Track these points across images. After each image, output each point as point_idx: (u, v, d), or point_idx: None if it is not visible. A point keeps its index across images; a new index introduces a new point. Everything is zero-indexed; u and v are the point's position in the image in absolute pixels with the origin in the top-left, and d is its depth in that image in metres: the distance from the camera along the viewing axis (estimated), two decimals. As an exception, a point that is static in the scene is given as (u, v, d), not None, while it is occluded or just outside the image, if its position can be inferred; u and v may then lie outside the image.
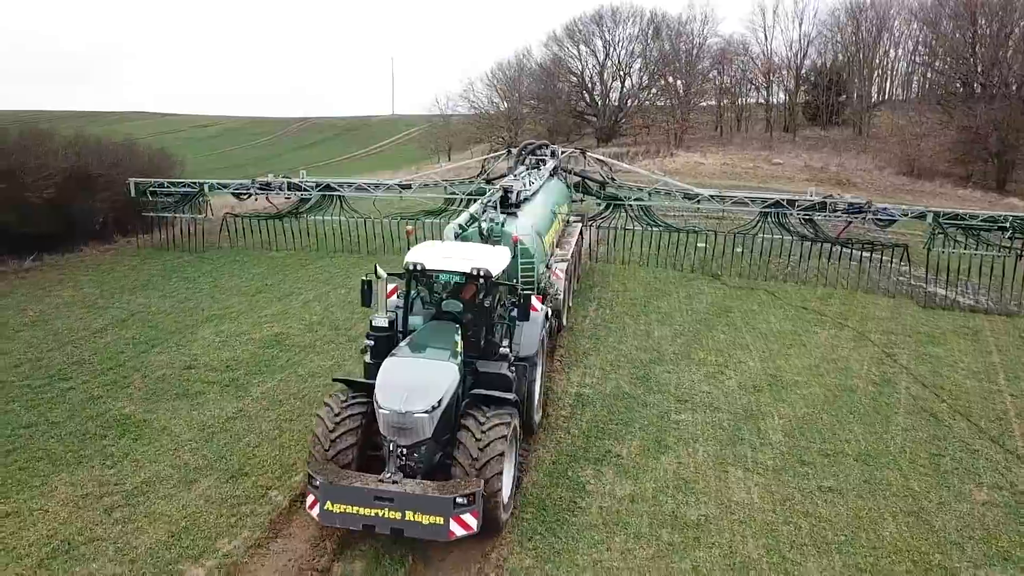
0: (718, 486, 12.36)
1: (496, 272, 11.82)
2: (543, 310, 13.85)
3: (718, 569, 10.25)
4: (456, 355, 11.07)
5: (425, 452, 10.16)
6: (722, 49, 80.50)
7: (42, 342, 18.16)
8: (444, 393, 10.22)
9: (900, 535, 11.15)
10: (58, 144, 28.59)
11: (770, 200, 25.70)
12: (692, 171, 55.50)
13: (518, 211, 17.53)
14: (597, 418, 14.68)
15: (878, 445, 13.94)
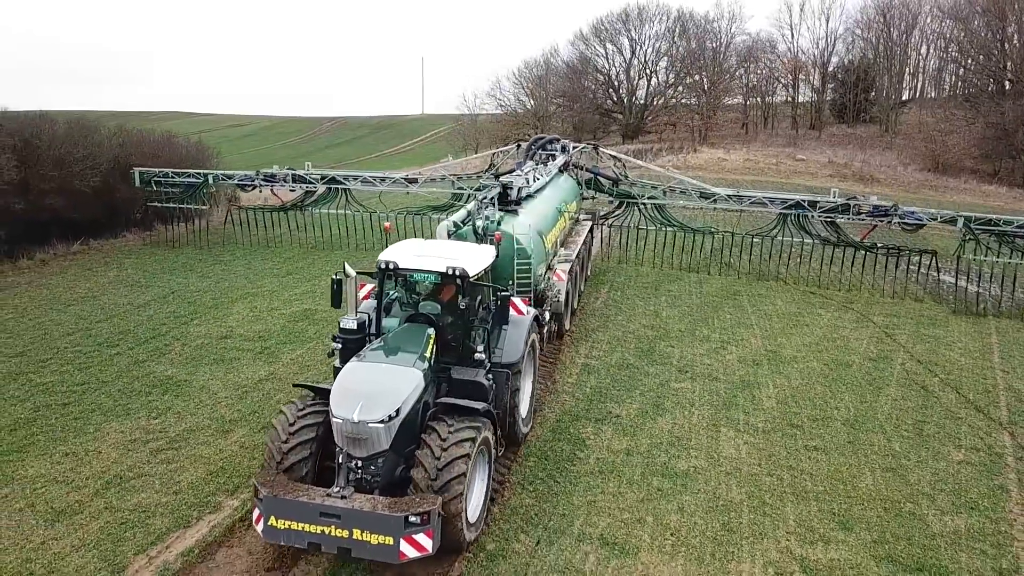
0: (709, 443, 13.30)
1: (474, 272, 11.08)
2: (531, 313, 12.92)
3: (701, 510, 11.22)
4: (424, 360, 10.27)
5: (384, 465, 9.38)
6: (748, 47, 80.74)
7: (91, 315, 19.64)
8: (403, 401, 9.46)
9: (876, 487, 12.02)
10: (103, 136, 30.29)
11: (790, 201, 24.10)
12: (715, 167, 56.00)
13: (519, 208, 16.64)
14: (601, 385, 15.69)
15: (866, 412, 14.76)
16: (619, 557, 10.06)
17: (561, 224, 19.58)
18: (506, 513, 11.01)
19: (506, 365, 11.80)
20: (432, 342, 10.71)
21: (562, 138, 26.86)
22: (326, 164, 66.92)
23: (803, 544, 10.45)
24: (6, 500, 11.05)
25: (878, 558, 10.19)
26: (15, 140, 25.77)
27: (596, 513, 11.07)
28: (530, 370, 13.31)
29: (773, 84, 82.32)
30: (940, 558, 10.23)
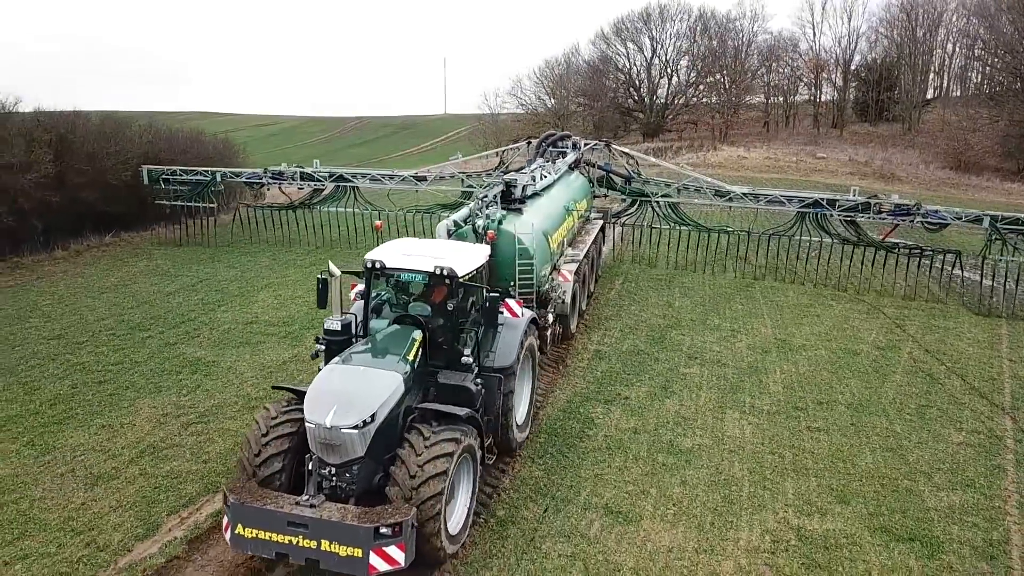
0: (714, 424, 13.77)
1: (463, 272, 10.67)
2: (527, 315, 12.38)
3: (703, 484, 11.70)
4: (406, 363, 9.88)
5: (359, 472, 9.00)
6: (770, 46, 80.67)
7: (123, 301, 20.49)
8: (380, 406, 9.07)
9: (875, 465, 12.42)
10: (134, 132, 31.27)
11: (809, 199, 23.29)
12: (735, 164, 56.17)
13: (523, 207, 16.25)
14: (611, 369, 16.19)
15: (870, 397, 15.13)
16: (622, 524, 10.57)
17: (568, 223, 18.97)
18: (516, 484, 11.58)
19: (498, 369, 11.25)
20: (418, 345, 10.31)
21: (573, 135, 26.30)
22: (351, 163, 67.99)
23: (800, 515, 10.90)
24: (48, 466, 11.81)
25: (872, 529, 10.60)
26: (51, 136, 26.75)
27: (602, 485, 11.59)
28: (527, 375, 12.77)
29: (795, 83, 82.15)
30: (933, 530, 10.62)
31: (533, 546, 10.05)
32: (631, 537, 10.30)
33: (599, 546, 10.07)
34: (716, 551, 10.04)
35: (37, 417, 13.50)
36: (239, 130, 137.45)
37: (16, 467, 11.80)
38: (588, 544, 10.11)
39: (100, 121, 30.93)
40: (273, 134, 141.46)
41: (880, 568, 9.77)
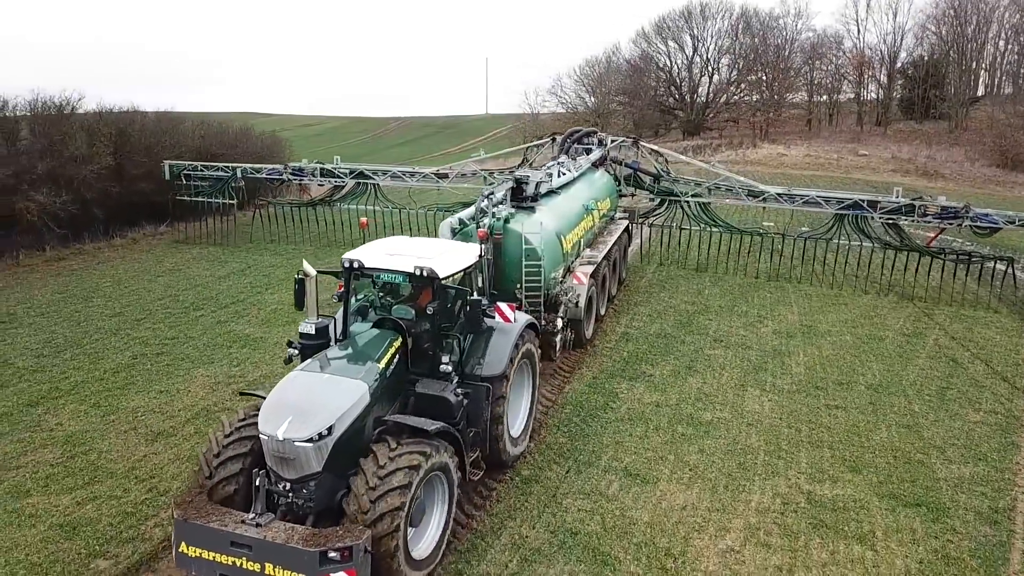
0: (735, 400, 14.31)
1: (446, 273, 10.05)
2: (522, 320, 11.48)
3: (720, 452, 12.27)
4: (376, 371, 9.24)
5: (317, 489, 8.35)
6: (813, 44, 79.89)
7: (178, 284, 21.75)
8: (339, 418, 8.43)
9: (889, 439, 12.84)
10: (187, 127, 32.76)
11: (848, 200, 21.97)
12: (774, 161, 56.03)
13: (536, 205, 15.68)
14: (638, 350, 16.81)
15: (891, 379, 15.49)
16: (640, 485, 11.23)
17: (587, 223, 18.10)
18: (541, 448, 12.32)
19: (486, 378, 10.50)
20: (394, 351, 9.70)
21: (599, 131, 25.41)
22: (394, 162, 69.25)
23: (812, 482, 11.42)
24: (113, 424, 12.93)
25: (880, 495, 11.07)
26: (111, 130, 28.29)
27: (622, 451, 12.25)
28: (525, 384, 12.12)
29: (839, 81, 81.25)
30: (940, 497, 11.05)
31: (555, 501, 10.76)
32: (647, 496, 10.94)
33: (616, 503, 10.74)
34: (728, 510, 10.64)
35: (102, 383, 14.67)
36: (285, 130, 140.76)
37: (85, 424, 12.94)
38: (606, 501, 10.79)
39: (156, 118, 32.47)
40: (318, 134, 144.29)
41: (885, 529, 10.26)
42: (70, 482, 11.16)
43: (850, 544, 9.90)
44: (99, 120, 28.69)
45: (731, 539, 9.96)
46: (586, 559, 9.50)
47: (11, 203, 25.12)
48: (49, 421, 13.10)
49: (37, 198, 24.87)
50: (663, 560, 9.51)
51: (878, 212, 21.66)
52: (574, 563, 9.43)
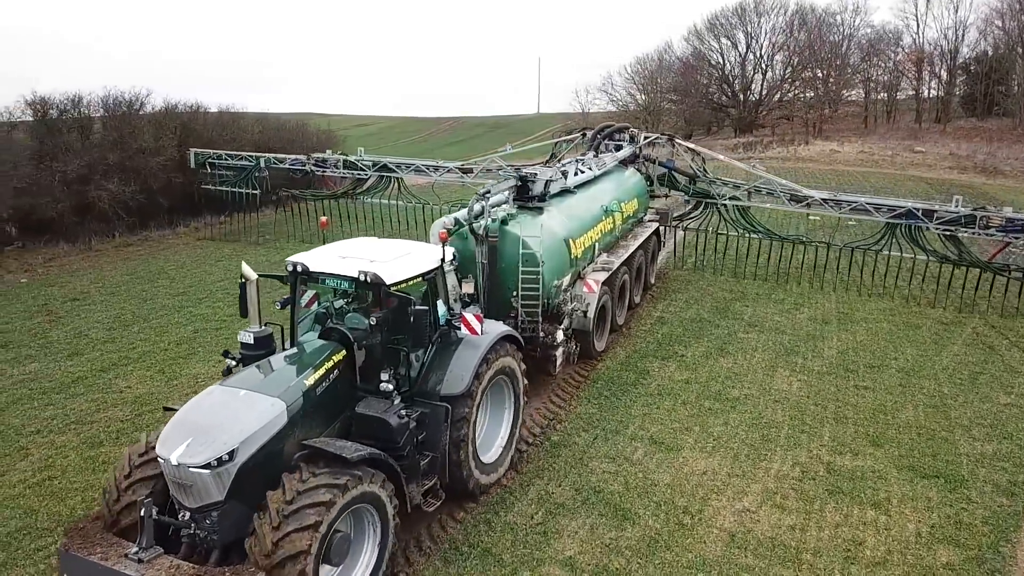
0: (763, 379, 14.69)
1: (394, 279, 9.04)
2: (496, 332, 10.41)
3: (744, 425, 12.71)
4: (301, 388, 8.31)
5: (221, 521, 7.53)
6: (871, 40, 78.41)
7: (236, 268, 22.82)
8: (244, 441, 7.54)
9: (915, 418, 13.08)
10: (247, 122, 34.28)
11: (900, 208, 19.83)
12: (826, 159, 55.32)
13: (543, 205, 14.61)
14: (672, 333, 17.27)
15: (924, 363, 15.63)
16: (663, 452, 11.76)
17: (605, 226, 16.72)
18: (571, 418, 12.95)
19: (446, 397, 9.50)
20: (332, 365, 8.78)
21: (632, 127, 23.80)
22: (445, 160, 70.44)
23: (832, 454, 11.78)
24: (176, 387, 14.14)
25: (900, 467, 11.38)
26: (176, 124, 29.86)
27: (649, 422, 12.79)
28: (503, 403, 11.07)
29: (897, 78, 79.56)
30: (960, 471, 11.30)
31: (581, 464, 11.38)
32: (670, 462, 11.47)
33: (640, 467, 11.30)
34: (747, 476, 11.10)
35: (166, 353, 15.84)
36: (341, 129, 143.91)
37: (151, 388, 14.08)
38: (630, 465, 11.36)
39: (218, 113, 34.09)
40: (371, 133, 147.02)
41: (901, 496, 10.59)
42: (137, 436, 12.19)
43: (864, 509, 10.27)
44: (165, 115, 30.29)
45: (748, 501, 10.43)
46: (607, 514, 10.09)
47: (85, 193, 26.84)
48: (119, 384, 14.28)
49: (108, 187, 26.51)
50: (680, 517, 10.04)
51: (934, 222, 19.32)
52: (596, 517, 10.03)
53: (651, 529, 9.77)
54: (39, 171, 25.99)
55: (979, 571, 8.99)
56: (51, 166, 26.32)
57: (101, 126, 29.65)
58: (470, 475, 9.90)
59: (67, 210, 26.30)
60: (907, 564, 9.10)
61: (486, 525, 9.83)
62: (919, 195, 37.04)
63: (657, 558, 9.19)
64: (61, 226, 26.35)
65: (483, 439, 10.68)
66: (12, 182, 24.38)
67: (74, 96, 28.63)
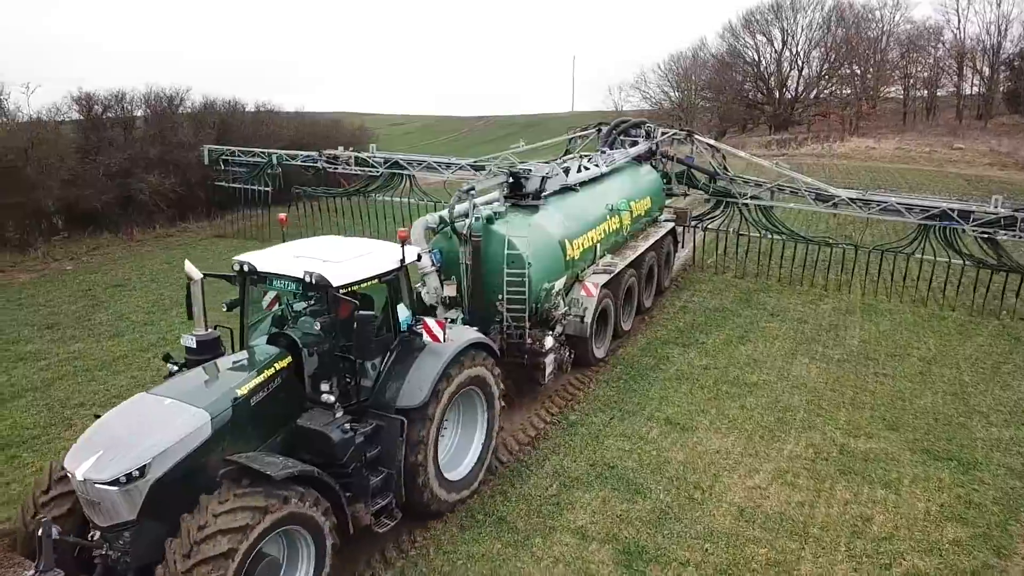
0: (783, 366, 14.83)
1: (342, 281, 8.35)
2: (463, 339, 9.70)
3: (760, 408, 12.90)
4: (232, 398, 7.68)
5: (135, 542, 6.96)
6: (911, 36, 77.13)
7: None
8: (157, 456, 6.96)
9: (933, 405, 13.14)
10: (282, 118, 35.11)
11: (934, 209, 18.46)
12: (863, 155, 54.70)
13: (539, 204, 13.91)
14: (695, 321, 17.46)
15: (947, 353, 15.63)
16: (678, 432, 12.01)
17: (609, 226, 15.88)
18: (589, 399, 13.26)
19: (401, 410, 8.79)
20: (273, 373, 8.14)
21: (649, 122, 22.76)
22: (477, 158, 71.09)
23: (847, 436, 11.92)
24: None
25: (914, 450, 11.48)
26: (214, 119, 30.74)
27: (666, 404, 13.04)
28: (474, 416, 10.34)
29: (937, 74, 78.15)
30: (974, 454, 11.37)
31: (596, 441, 11.69)
32: (684, 441, 11.72)
33: (654, 445, 11.58)
34: (760, 455, 11.30)
35: (202, 335, 16.45)
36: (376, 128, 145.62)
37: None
38: (645, 443, 11.64)
39: (255, 109, 34.96)
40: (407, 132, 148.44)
41: (912, 477, 10.71)
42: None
43: (875, 488, 10.42)
44: (204, 110, 31.19)
45: (759, 479, 10.64)
46: (620, 488, 10.39)
47: (127, 185, 27.81)
48: (157, 363, 14.86)
49: (148, 180, 27.42)
50: (691, 492, 10.30)
51: (971, 224, 18.01)
52: (609, 490, 10.33)
53: (662, 502, 10.04)
54: (84, 165, 26.98)
55: (985, 547, 9.11)
56: (95, 160, 27.33)
57: (143, 122, 30.67)
58: (430, 494, 9.17)
59: (110, 202, 27.28)
60: (913, 539, 9.25)
61: (502, 496, 10.19)
62: (956, 191, 36.60)
63: (666, 528, 9.46)
64: (104, 217, 27.35)
65: (452, 454, 10.10)
66: (59, 175, 25.35)
67: (117, 93, 29.70)
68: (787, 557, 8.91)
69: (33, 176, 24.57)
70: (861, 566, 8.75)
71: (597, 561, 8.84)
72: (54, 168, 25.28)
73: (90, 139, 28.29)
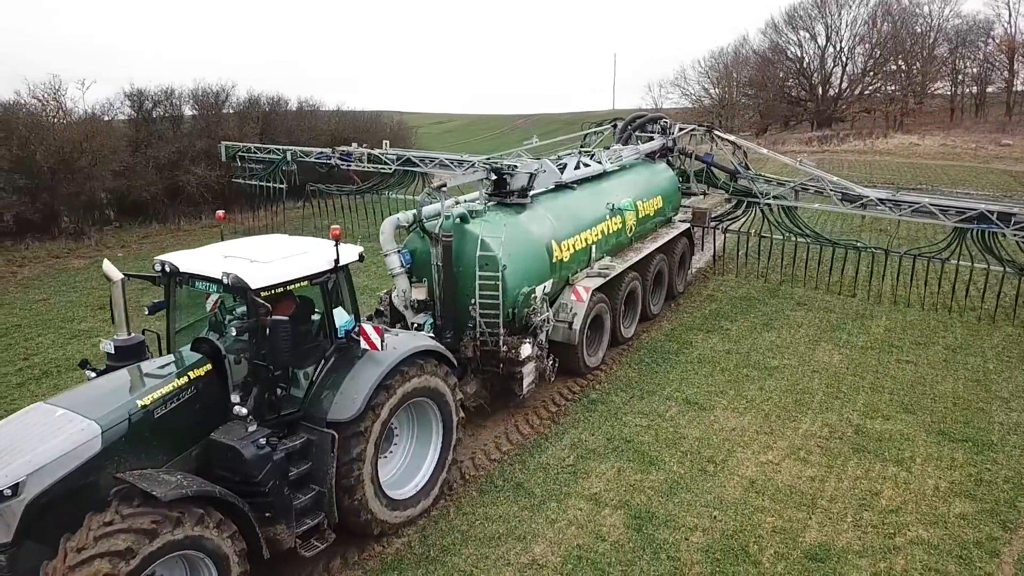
0: (805, 351, 15.02)
1: (263, 283, 7.67)
2: (407, 346, 8.91)
3: (779, 390, 13.14)
4: (129, 410, 7.16)
5: (13, 565, 6.54)
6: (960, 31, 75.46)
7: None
8: (35, 473, 6.51)
9: (954, 390, 13.23)
10: (324, 114, 36.06)
11: (972, 211, 16.89)
12: (905, 152, 53.88)
13: (526, 202, 13.15)
14: (720, 309, 17.71)
15: (973, 342, 15.63)
16: (696, 411, 12.34)
17: (610, 226, 15.06)
18: (611, 379, 13.65)
19: (333, 424, 8.14)
20: (186, 383, 7.63)
21: (666, 117, 21.78)
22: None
23: (863, 418, 12.11)
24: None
25: (929, 432, 11.63)
26: (258, 114, 31.78)
27: (686, 385, 13.37)
28: (428, 431, 9.63)
29: (987, 70, 76.34)
30: (990, 437, 11.48)
31: (615, 417, 12.08)
32: (701, 419, 12.05)
33: (671, 422, 11.92)
34: (775, 433, 11.58)
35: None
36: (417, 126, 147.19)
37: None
38: (663, 420, 11.99)
39: (298, 105, 35.99)
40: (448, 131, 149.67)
41: (925, 456, 10.89)
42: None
43: (887, 465, 10.63)
44: (249, 105, 32.25)
45: (772, 455, 10.93)
46: (635, 460, 10.77)
47: (175, 177, 28.94)
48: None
49: (195, 172, 28.49)
50: (704, 465, 10.64)
51: (1011, 227, 16.45)
52: (624, 462, 10.73)
53: (675, 474, 10.40)
54: (134, 157, 28.19)
55: (991, 521, 9.28)
56: (145, 152, 28.52)
57: (192, 117, 31.86)
58: (368, 514, 8.48)
59: (159, 193, 28.44)
60: (920, 512, 9.46)
61: (520, 464, 10.66)
62: (1001, 187, 36.02)
63: (677, 497, 9.82)
64: (153, 208, 28.52)
65: (404, 471, 9.49)
66: (111, 166, 26.55)
67: (167, 88, 30.92)
68: (793, 525, 9.21)
69: (88, 168, 25.80)
70: (866, 535, 9.01)
71: (609, 525, 9.25)
72: (107, 160, 26.48)
73: (140, 132, 29.51)
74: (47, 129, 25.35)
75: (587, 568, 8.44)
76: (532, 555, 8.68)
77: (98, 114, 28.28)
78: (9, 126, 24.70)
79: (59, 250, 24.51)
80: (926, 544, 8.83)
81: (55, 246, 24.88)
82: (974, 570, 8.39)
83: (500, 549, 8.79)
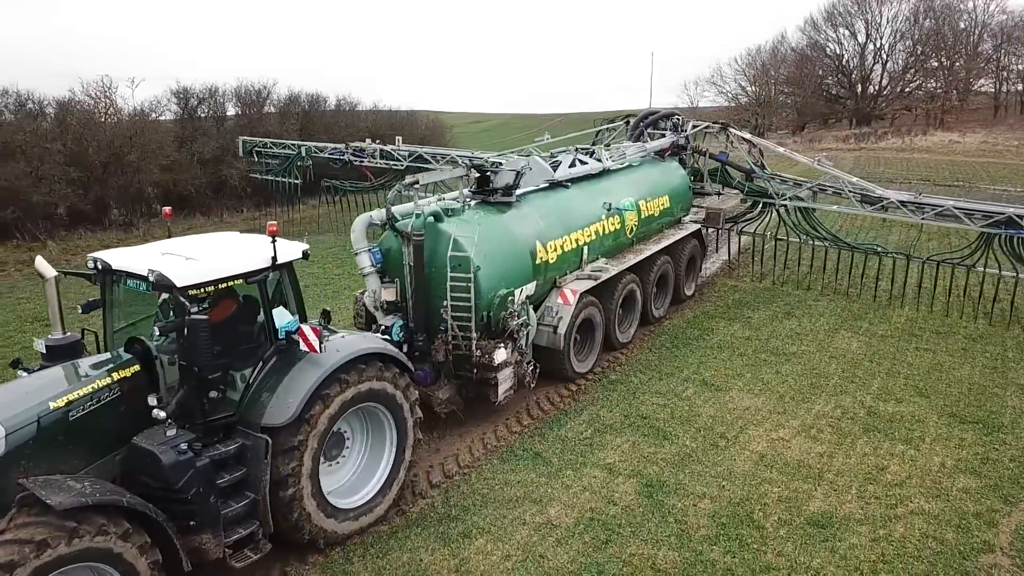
0: (824, 338, 15.33)
1: (188, 281, 7.38)
2: (349, 349, 8.43)
3: (795, 374, 13.50)
4: (39, 412, 6.90)
5: None
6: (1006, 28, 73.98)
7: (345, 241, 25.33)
8: None
9: (971, 376, 13.45)
10: (361, 111, 37.01)
11: (999, 215, 15.90)
12: (945, 149, 53.15)
13: (511, 200, 12.61)
14: (743, 299, 18.05)
15: (993, 334, 15.76)
16: (712, 392, 12.77)
17: (606, 227, 14.44)
18: (631, 361, 14.15)
19: (267, 428, 7.78)
20: (111, 383, 7.38)
21: (679, 114, 21.04)
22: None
23: (876, 400, 12.42)
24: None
25: (941, 414, 11.91)
26: (298, 110, 32.80)
27: (704, 368, 13.80)
28: (384, 438, 9.23)
29: (1033, 65, 74.66)
30: (1002, 419, 11.72)
31: (633, 396, 12.58)
32: (717, 399, 12.49)
33: (687, 402, 12.38)
34: (788, 413, 11.97)
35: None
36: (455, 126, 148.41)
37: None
38: (679, 400, 12.46)
39: (336, 103, 37.01)
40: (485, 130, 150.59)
41: (935, 436, 11.19)
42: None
43: (895, 444, 10.96)
44: (289, 102, 33.30)
45: (783, 432, 11.33)
46: (650, 434, 11.26)
47: (218, 172, 30.05)
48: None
49: (237, 166, 29.55)
50: (716, 440, 11.08)
51: None
52: (639, 436, 11.23)
53: (687, 447, 10.87)
54: (180, 152, 29.35)
55: (993, 496, 9.59)
56: (190, 148, 29.67)
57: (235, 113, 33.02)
58: (309, 523, 8.14)
59: (203, 186, 29.57)
60: (924, 487, 9.80)
61: (540, 436, 11.23)
62: (1041, 185, 35.54)
63: (688, 469, 10.30)
64: (197, 200, 29.65)
65: (356, 478, 9.12)
66: (158, 160, 27.72)
67: (211, 87, 32.10)
68: (799, 495, 9.62)
69: (136, 162, 26.98)
70: (868, 505, 9.39)
71: (621, 491, 9.76)
72: (154, 155, 27.64)
73: (186, 128, 30.70)
74: (99, 125, 26.60)
75: (598, 528, 8.98)
76: (547, 516, 9.24)
77: (146, 111, 29.53)
78: (65, 122, 25.98)
79: (110, 240, 25.72)
80: (926, 515, 9.18)
81: (106, 236, 26.13)
82: (971, 538, 8.73)
83: (517, 510, 9.37)
